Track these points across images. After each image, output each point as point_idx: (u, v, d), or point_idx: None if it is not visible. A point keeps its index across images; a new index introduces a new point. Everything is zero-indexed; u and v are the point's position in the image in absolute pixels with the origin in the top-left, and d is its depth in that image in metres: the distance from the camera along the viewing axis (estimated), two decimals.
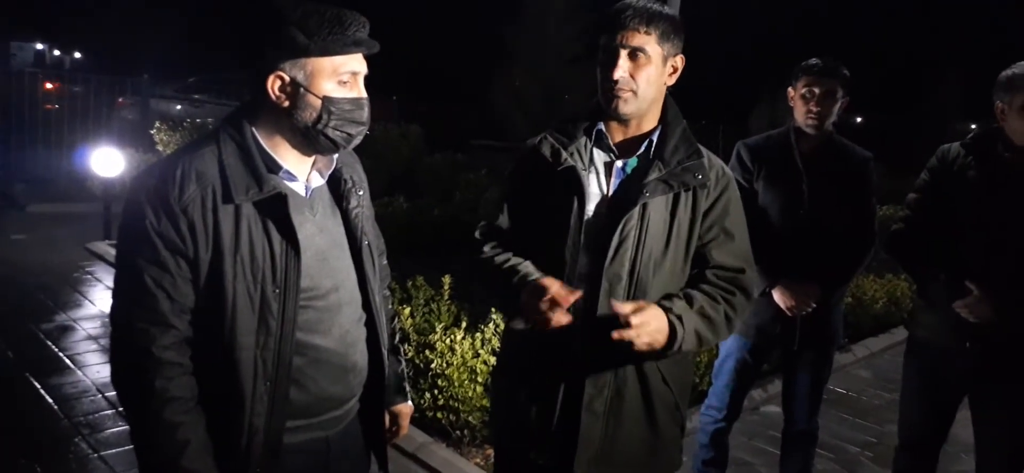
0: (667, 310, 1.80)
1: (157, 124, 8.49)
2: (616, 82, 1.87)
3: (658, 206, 1.88)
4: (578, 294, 1.75)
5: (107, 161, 7.97)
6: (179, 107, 14.52)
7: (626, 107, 1.89)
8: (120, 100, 12.66)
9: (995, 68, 2.72)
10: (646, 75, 1.87)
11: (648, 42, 1.86)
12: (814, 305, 3.00)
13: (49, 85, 12.61)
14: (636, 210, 1.86)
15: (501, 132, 16.16)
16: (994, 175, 2.67)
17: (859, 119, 25.82)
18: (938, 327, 2.79)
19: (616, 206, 1.89)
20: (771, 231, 3.02)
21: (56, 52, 37.98)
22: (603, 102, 1.93)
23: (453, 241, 7.38)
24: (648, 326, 1.73)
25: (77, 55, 38.17)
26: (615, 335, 1.71)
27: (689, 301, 1.86)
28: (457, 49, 19.77)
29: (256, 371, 1.65)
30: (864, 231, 3.07)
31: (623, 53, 1.86)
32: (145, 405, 1.59)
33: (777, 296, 3.02)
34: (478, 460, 3.80)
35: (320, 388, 1.77)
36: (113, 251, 7.25)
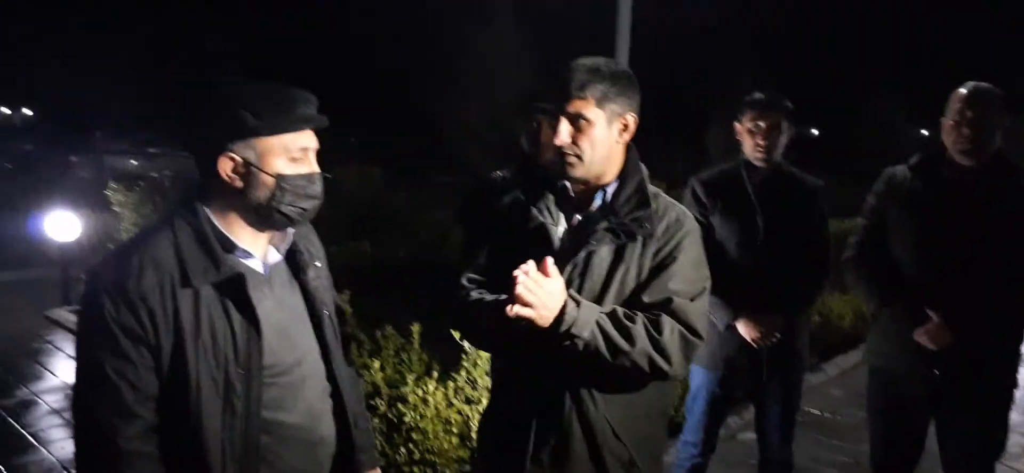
0: (570, 295, 1.81)
1: (112, 184, 8.34)
2: (560, 148, 1.90)
3: (603, 255, 1.91)
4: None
5: (62, 224, 7.81)
6: (135, 162, 14.31)
7: (574, 171, 1.92)
8: (72, 158, 12.45)
9: (940, 73, 2.81)
10: (589, 139, 1.89)
11: (587, 107, 1.87)
12: (778, 335, 3.05)
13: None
14: (580, 257, 1.90)
15: (459, 167, 16.27)
16: (941, 197, 2.72)
17: (815, 132, 26.35)
18: (895, 353, 2.83)
19: (565, 257, 1.92)
20: (730, 264, 3.06)
21: (4, 110, 37.29)
22: (555, 167, 1.95)
23: (419, 281, 7.32)
24: (545, 290, 1.73)
25: (26, 112, 37.51)
26: (517, 289, 1.71)
27: (602, 306, 1.88)
28: (413, 88, 19.85)
29: (224, 453, 1.65)
30: (819, 258, 3.15)
31: (563, 120, 1.89)
32: None
33: (742, 328, 3.06)
34: None
35: (288, 465, 1.77)
36: (73, 318, 7.15)
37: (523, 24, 17.83)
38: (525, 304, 1.72)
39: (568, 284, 1.87)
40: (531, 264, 1.75)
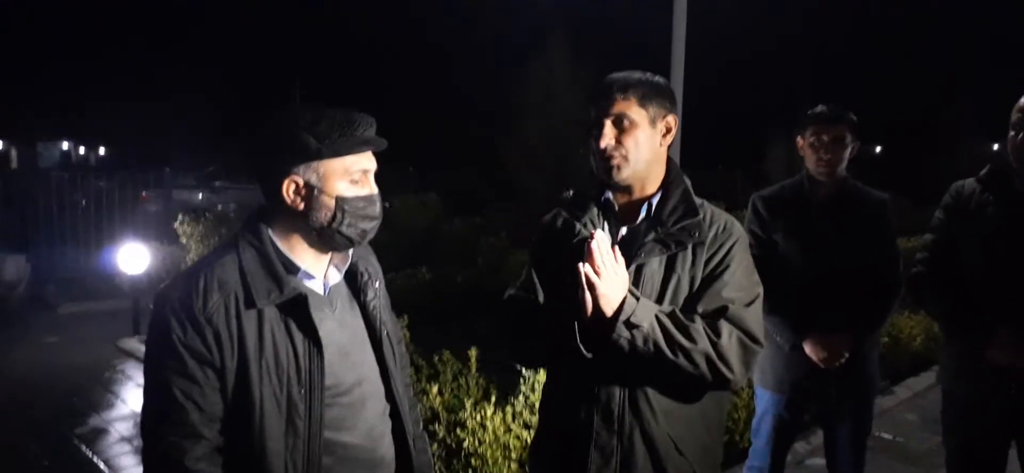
0: (630, 289, 1.80)
1: (180, 217, 8.62)
2: (604, 151, 1.91)
3: (653, 267, 1.90)
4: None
5: (133, 257, 8.08)
6: (201, 196, 14.74)
7: (620, 174, 1.92)
8: (144, 194, 12.87)
9: (1009, 88, 2.71)
10: (634, 139, 1.91)
11: (629, 107, 1.91)
12: (847, 355, 2.94)
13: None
14: (630, 271, 1.87)
15: (516, 193, 16.37)
16: (1010, 210, 2.62)
17: (879, 149, 25.70)
18: (970, 373, 2.70)
19: None
20: (795, 282, 2.97)
21: (81, 150, 39.01)
22: (600, 173, 1.97)
23: (478, 307, 7.36)
24: (615, 279, 1.75)
25: (102, 151, 39.18)
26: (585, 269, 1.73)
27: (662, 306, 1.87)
28: (470, 117, 20.12)
29: None
30: (888, 275, 3.02)
31: (607, 122, 1.91)
32: None
33: (809, 349, 2.96)
34: None
35: None
36: (143, 348, 7.31)
37: (578, 55, 17.93)
38: (595, 271, 1.73)
39: None
40: (600, 232, 1.77)
